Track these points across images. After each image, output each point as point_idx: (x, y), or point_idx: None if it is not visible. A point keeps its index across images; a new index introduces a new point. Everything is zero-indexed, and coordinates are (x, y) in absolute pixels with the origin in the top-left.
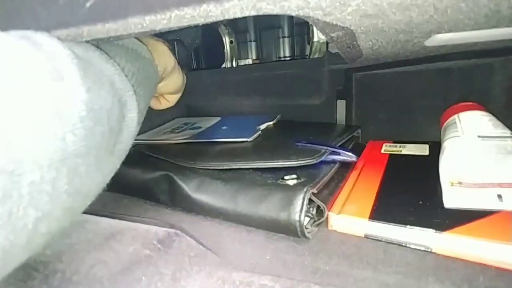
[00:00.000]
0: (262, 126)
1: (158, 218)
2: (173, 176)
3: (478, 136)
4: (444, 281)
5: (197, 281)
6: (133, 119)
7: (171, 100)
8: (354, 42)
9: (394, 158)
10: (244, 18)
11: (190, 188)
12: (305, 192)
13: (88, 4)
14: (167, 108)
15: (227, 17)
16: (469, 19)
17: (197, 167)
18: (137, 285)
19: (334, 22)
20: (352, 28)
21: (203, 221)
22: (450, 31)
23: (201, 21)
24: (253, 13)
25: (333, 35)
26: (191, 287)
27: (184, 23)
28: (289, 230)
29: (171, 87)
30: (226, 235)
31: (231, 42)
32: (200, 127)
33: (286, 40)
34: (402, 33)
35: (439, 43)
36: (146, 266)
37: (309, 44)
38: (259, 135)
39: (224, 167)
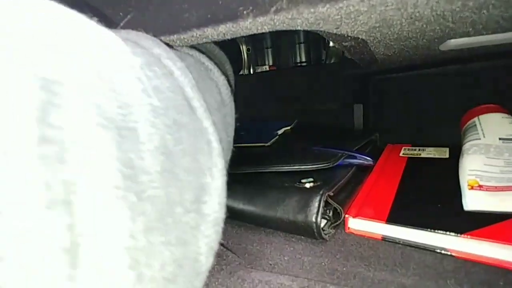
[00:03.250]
0: (280, 131)
1: None
2: None
3: (499, 139)
4: (463, 284)
5: (218, 280)
6: None
7: None
8: (368, 50)
9: (412, 161)
10: None
11: None
12: (322, 195)
13: (120, 26)
14: None
15: (243, 34)
16: (481, 25)
17: None
18: None
19: (346, 34)
20: (364, 38)
21: (224, 223)
22: (463, 36)
23: (219, 38)
24: (268, 29)
25: (345, 44)
26: (212, 284)
27: (204, 40)
28: (306, 231)
29: None
30: (245, 237)
31: (248, 49)
32: None
33: (302, 46)
34: (414, 40)
35: (455, 47)
36: None
37: (325, 49)
38: (277, 139)
39: (243, 171)
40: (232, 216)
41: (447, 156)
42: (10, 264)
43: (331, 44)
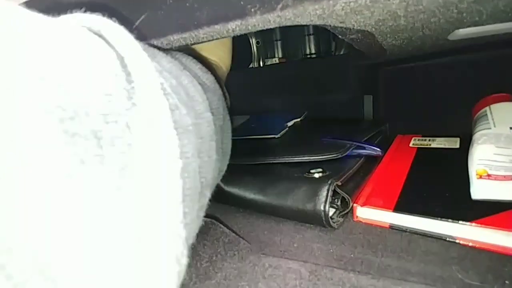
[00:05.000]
0: (290, 123)
1: None
2: None
3: (510, 128)
4: (468, 270)
5: (231, 264)
6: None
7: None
8: (375, 41)
9: (422, 152)
10: None
11: (224, 182)
12: (330, 184)
13: (135, 26)
14: None
15: (251, 30)
16: (486, 15)
17: (229, 162)
18: None
19: (352, 27)
20: (370, 30)
21: (236, 212)
22: (471, 26)
23: (229, 34)
24: (275, 25)
25: (352, 36)
26: (226, 268)
27: (214, 37)
28: (315, 220)
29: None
30: (256, 225)
31: (257, 42)
32: None
33: (312, 37)
34: (421, 31)
35: (464, 37)
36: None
37: (334, 40)
38: (287, 131)
39: (254, 162)
40: (244, 205)
41: (457, 146)
42: None
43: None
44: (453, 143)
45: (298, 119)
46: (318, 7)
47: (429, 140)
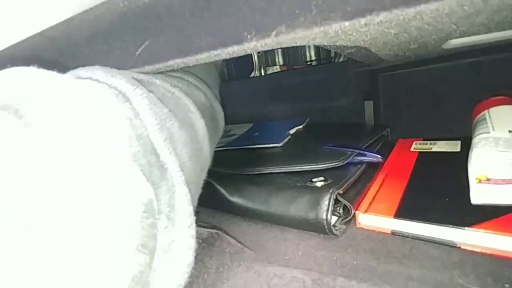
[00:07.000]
0: (292, 131)
1: (201, 220)
2: (212, 182)
3: (509, 131)
4: (468, 274)
5: (237, 274)
6: None
7: None
8: (371, 53)
9: (423, 156)
10: None
11: (228, 192)
12: (331, 193)
13: (137, 53)
14: None
15: (249, 52)
16: (479, 27)
17: (233, 172)
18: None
19: (346, 45)
20: (364, 46)
21: (241, 221)
22: (462, 36)
23: (228, 56)
24: (272, 48)
25: (348, 51)
26: (232, 279)
27: (212, 59)
28: (318, 228)
29: None
30: (262, 234)
31: (258, 52)
32: (234, 134)
33: (312, 44)
34: (415, 43)
35: (458, 46)
36: (194, 261)
37: None
38: (289, 139)
39: (257, 172)
40: (249, 215)
41: (458, 149)
42: None
43: None
44: (454, 146)
45: (300, 126)
46: (310, 33)
47: (430, 144)
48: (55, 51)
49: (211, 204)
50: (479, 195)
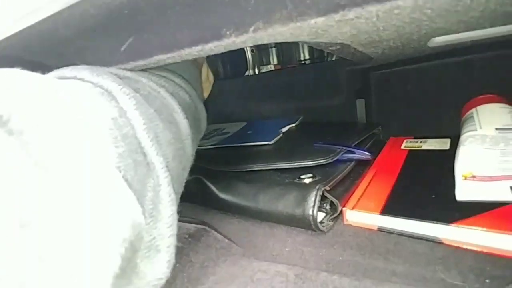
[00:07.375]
0: (284, 129)
1: (191, 216)
2: (203, 179)
3: (496, 129)
4: (450, 269)
5: (222, 269)
6: None
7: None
8: (356, 51)
9: (413, 154)
10: None
11: (218, 190)
12: (318, 189)
13: (122, 49)
14: None
15: (230, 49)
16: (460, 24)
17: (224, 170)
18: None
19: (326, 42)
20: (346, 43)
21: (231, 218)
22: (447, 34)
23: (210, 52)
24: (252, 44)
25: (331, 48)
26: (218, 273)
27: (198, 55)
28: (305, 224)
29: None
30: (251, 230)
31: (252, 50)
32: (228, 132)
33: (305, 44)
34: (398, 41)
35: (443, 43)
36: (179, 256)
37: None
38: (281, 137)
39: (247, 169)
40: (238, 212)
41: (447, 147)
42: None
43: None
44: (444, 144)
45: (293, 125)
46: (287, 29)
47: (421, 142)
48: (39, 50)
49: (202, 202)
50: (464, 192)
